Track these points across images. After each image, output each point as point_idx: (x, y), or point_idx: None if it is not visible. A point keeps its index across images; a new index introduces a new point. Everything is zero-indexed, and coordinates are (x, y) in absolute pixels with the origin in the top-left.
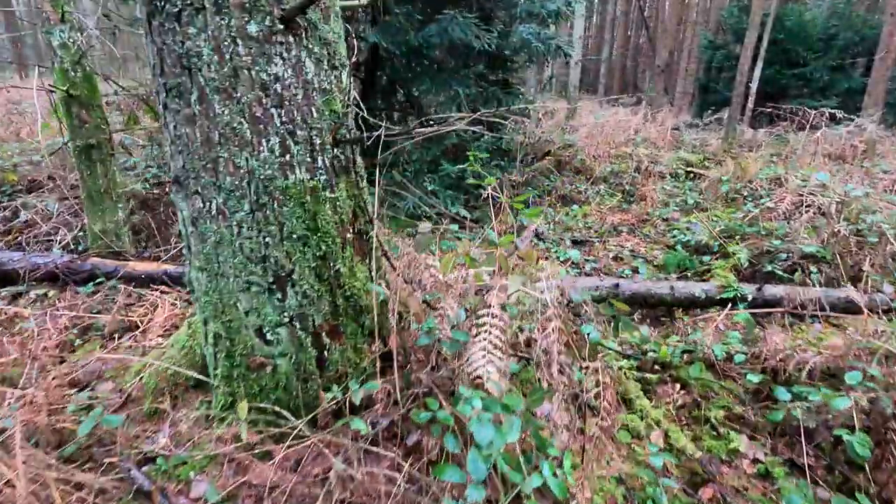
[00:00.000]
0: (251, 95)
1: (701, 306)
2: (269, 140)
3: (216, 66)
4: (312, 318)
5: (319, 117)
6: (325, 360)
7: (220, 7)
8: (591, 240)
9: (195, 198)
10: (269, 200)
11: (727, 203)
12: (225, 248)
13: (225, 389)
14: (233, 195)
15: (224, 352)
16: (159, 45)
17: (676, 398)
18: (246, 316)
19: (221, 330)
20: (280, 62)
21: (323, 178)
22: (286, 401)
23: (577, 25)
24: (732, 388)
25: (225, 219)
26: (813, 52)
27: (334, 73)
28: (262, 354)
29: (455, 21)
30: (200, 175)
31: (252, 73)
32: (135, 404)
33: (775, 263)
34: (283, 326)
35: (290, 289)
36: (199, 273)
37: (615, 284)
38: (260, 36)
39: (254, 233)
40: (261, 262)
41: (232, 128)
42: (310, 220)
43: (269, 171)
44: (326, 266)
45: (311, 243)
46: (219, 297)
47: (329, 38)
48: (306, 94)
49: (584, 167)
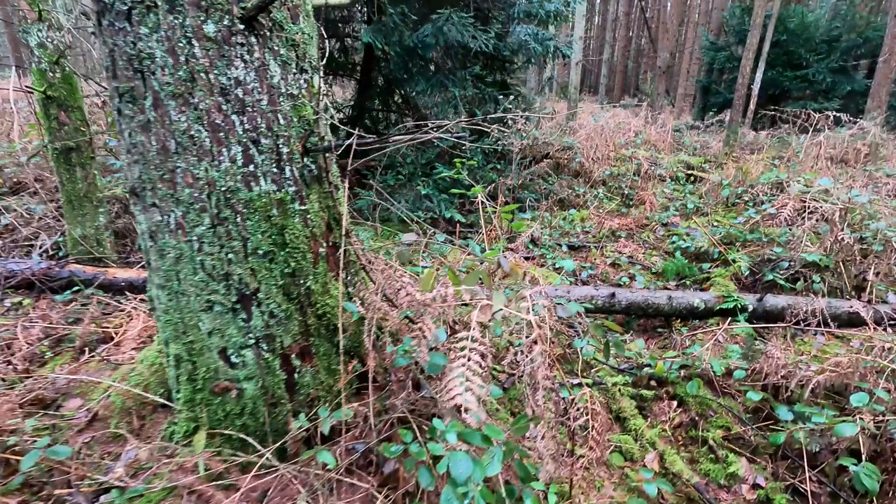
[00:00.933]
0: (210, 101)
1: (700, 317)
2: (230, 149)
3: (171, 69)
4: (280, 340)
5: (287, 124)
6: (295, 384)
7: (173, 5)
8: (588, 245)
9: (153, 210)
10: (231, 214)
11: (728, 208)
12: (185, 264)
13: (188, 414)
14: (192, 208)
15: (186, 375)
16: (110, 46)
17: (673, 417)
18: (209, 337)
19: (183, 352)
20: (241, 65)
21: (291, 189)
22: (253, 427)
23: (577, 26)
24: (732, 406)
25: (184, 233)
26: (815, 53)
27: (303, 77)
28: (226, 378)
29: (450, 21)
30: (157, 186)
31: (210, 77)
32: (101, 424)
33: (777, 272)
34: (248, 348)
35: (255, 308)
36: (159, 291)
37: (611, 294)
38: (218, 37)
39: (215, 249)
40: (223, 279)
41: (190, 136)
42: (277, 235)
43: (230, 182)
44: (296, 283)
45: (279, 259)
46: (180, 316)
47: (297, 40)
48: (271, 100)
49: (583, 170)
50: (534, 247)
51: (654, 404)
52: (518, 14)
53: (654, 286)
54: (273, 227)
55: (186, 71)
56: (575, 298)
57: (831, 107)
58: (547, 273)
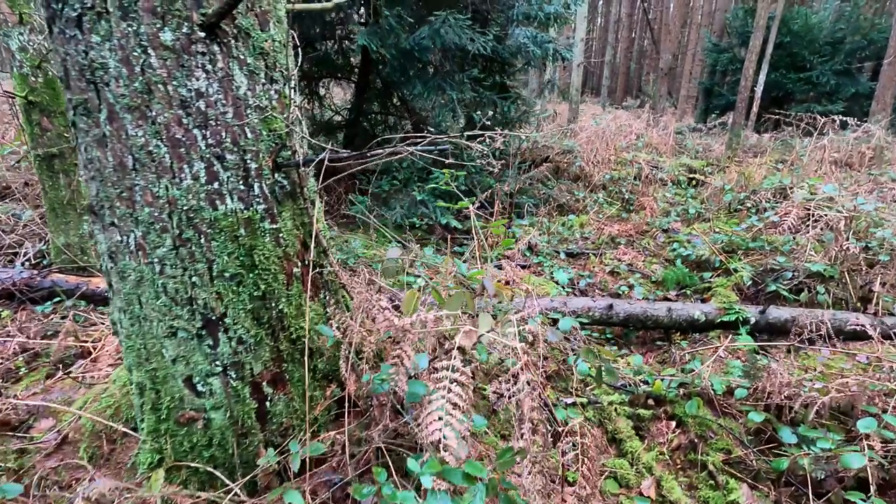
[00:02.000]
0: (169, 114)
1: (700, 330)
2: (192, 166)
3: (125, 80)
4: (250, 367)
5: (255, 138)
6: (267, 413)
7: (126, 11)
8: (587, 252)
9: (112, 230)
10: (194, 235)
11: (730, 213)
12: (146, 287)
13: (152, 445)
14: (152, 228)
15: (150, 404)
16: (62, 55)
17: (671, 438)
18: (173, 364)
19: (146, 379)
20: (203, 76)
21: (261, 207)
22: (221, 459)
23: (578, 27)
24: (733, 428)
25: (145, 255)
26: (819, 55)
27: (274, 88)
28: (192, 407)
29: (447, 23)
30: (115, 205)
31: (169, 89)
32: (71, 448)
33: (780, 282)
34: (215, 376)
35: (222, 334)
36: (120, 315)
37: (608, 306)
38: (176, 45)
39: (178, 271)
40: (187, 304)
41: (148, 151)
42: (245, 256)
43: (193, 201)
44: (267, 307)
45: (247, 282)
46: (142, 342)
47: (266, 48)
48: (237, 112)
49: (583, 173)
50: (531, 254)
51: (651, 424)
52: (517, 16)
53: (653, 296)
54: (241, 248)
55: (142, 82)
56: (571, 310)
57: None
58: (543, 282)
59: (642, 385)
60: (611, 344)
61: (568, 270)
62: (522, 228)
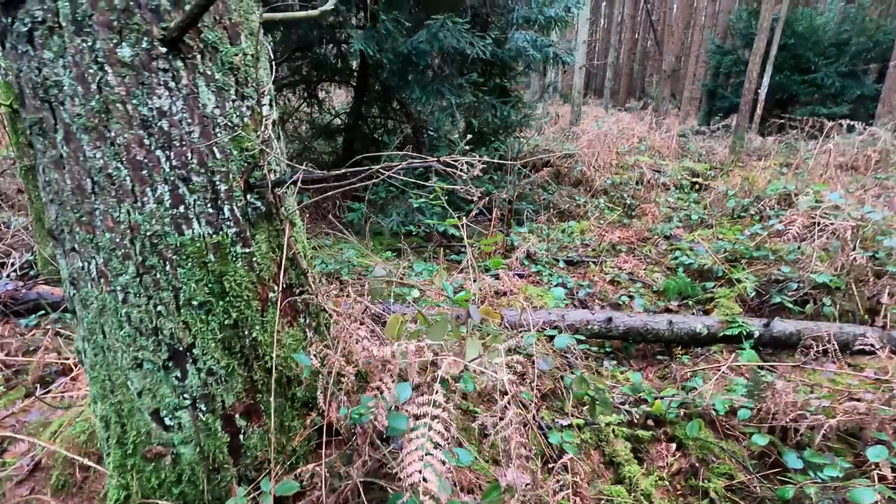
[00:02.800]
0: (129, 135)
1: (702, 344)
2: (155, 189)
3: (81, 98)
4: (222, 399)
5: (224, 158)
6: (241, 446)
7: (80, 26)
8: (587, 260)
9: (73, 255)
10: (159, 261)
11: (733, 219)
12: (109, 317)
13: (119, 481)
14: (114, 255)
15: (115, 438)
16: (15, 72)
17: (671, 462)
18: (139, 397)
19: (111, 412)
20: (165, 93)
21: (231, 230)
22: (192, 496)
23: (581, 30)
24: (735, 451)
25: (107, 283)
26: (824, 57)
27: (245, 104)
28: (160, 442)
29: (445, 27)
30: (75, 229)
31: (128, 108)
32: (44, 474)
33: (785, 293)
34: (184, 410)
35: (190, 366)
36: (84, 344)
37: (608, 319)
38: (135, 61)
39: (142, 300)
40: (152, 334)
41: (107, 174)
42: (214, 283)
43: (157, 226)
44: (239, 335)
45: (217, 311)
46: (106, 373)
47: (236, 62)
48: (204, 132)
49: (584, 178)
50: (530, 263)
51: (650, 446)
52: (517, 20)
53: (654, 307)
54: (210, 275)
55: (100, 101)
56: (570, 324)
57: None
58: (542, 293)
59: (642, 405)
60: (610, 358)
61: (567, 280)
62: (521, 236)
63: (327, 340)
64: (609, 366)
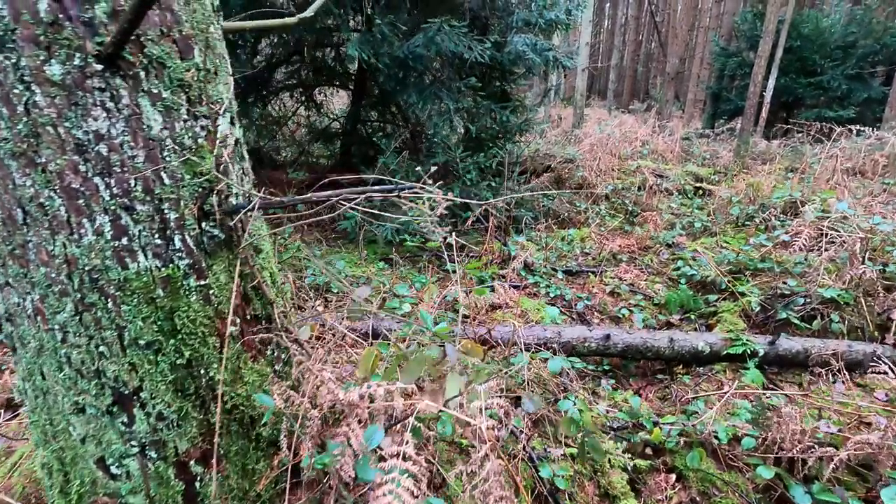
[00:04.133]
0: (62, 161)
1: (704, 362)
2: (94, 219)
3: (7, 121)
4: (174, 445)
5: (174, 184)
6: (197, 494)
7: (2, 42)
8: (586, 270)
9: (8, 290)
10: (100, 298)
11: (737, 227)
12: (48, 357)
13: None
14: (50, 291)
15: (58, 487)
16: None
17: (670, 495)
18: (82, 444)
19: (53, 459)
20: (103, 115)
21: (183, 262)
22: None
23: (584, 31)
24: (739, 484)
25: (45, 321)
26: (830, 60)
27: (199, 124)
28: (106, 492)
29: (442, 31)
30: (8, 263)
31: (60, 131)
32: None
33: (791, 308)
34: (131, 457)
35: (137, 410)
36: (24, 384)
37: (606, 336)
38: (67, 80)
39: (82, 340)
40: (95, 377)
41: (39, 204)
42: (163, 321)
43: (97, 259)
44: (193, 375)
45: (167, 350)
46: (48, 417)
47: (187, 78)
48: (150, 156)
49: (585, 183)
50: (528, 273)
51: (648, 477)
52: (516, 23)
53: (655, 321)
54: (158, 311)
55: (27, 124)
56: (566, 340)
57: (847, 115)
58: (539, 306)
59: (640, 431)
60: (608, 376)
61: (565, 291)
62: (519, 245)
63: (290, 381)
64: (607, 386)
